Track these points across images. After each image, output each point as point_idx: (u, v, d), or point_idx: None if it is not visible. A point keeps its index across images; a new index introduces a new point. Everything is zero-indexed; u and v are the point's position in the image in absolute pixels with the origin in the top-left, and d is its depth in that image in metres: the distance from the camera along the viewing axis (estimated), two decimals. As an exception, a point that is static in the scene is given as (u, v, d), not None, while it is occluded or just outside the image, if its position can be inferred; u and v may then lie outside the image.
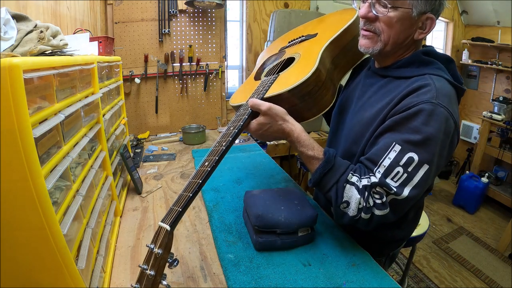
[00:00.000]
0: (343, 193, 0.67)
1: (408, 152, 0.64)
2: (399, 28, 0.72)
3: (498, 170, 3.04)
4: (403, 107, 0.67)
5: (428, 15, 0.71)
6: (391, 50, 0.76)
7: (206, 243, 0.77)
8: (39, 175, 0.39)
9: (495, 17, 3.13)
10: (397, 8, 0.70)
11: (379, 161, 0.67)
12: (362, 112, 0.80)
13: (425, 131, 0.64)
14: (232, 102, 0.88)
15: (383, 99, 0.75)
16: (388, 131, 0.69)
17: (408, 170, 0.64)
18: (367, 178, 0.67)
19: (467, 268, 2.15)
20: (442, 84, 0.69)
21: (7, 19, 0.53)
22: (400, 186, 0.64)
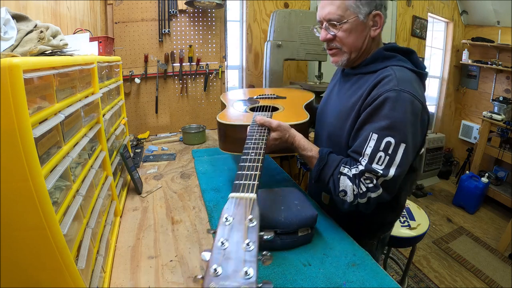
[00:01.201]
0: (339, 184, 0.76)
1: (384, 137, 0.73)
2: (354, 35, 0.83)
3: (498, 170, 3.05)
4: (371, 99, 0.77)
5: (374, 13, 0.81)
6: (357, 55, 0.86)
7: (206, 243, 0.77)
8: (39, 175, 0.39)
9: (495, 17, 3.13)
10: (346, 21, 0.80)
11: (362, 151, 0.76)
12: (339, 107, 0.90)
13: (394, 116, 0.73)
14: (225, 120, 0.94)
15: (356, 93, 0.85)
16: (364, 124, 0.78)
17: (388, 153, 0.73)
18: (355, 168, 0.76)
19: (467, 268, 2.15)
20: (403, 73, 0.79)
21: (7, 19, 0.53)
22: (386, 168, 0.73)
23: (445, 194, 3.32)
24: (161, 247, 0.75)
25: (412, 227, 1.38)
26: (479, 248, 2.40)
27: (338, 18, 0.80)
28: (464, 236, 2.55)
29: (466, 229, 2.65)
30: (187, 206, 0.95)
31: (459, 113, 3.78)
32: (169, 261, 0.70)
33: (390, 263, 2.11)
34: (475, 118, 3.55)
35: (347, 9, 0.80)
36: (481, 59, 3.31)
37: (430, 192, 3.35)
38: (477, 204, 2.92)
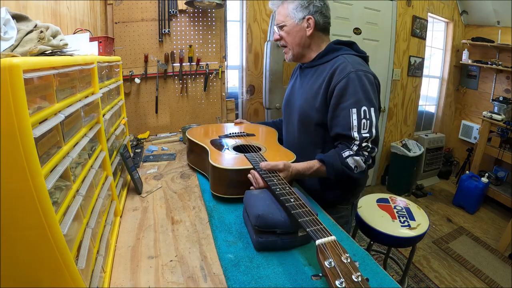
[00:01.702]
0: (350, 165, 0.96)
1: (360, 108, 0.95)
2: (293, 35, 1.09)
3: (498, 170, 3.05)
4: (335, 83, 0.98)
5: (307, 17, 1.05)
6: (300, 50, 1.11)
7: (206, 243, 0.77)
8: (39, 175, 0.39)
9: (495, 17, 3.13)
10: (286, 25, 1.08)
11: (350, 127, 0.96)
12: (306, 93, 1.11)
13: (360, 90, 0.96)
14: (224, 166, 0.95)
15: (318, 79, 1.07)
16: (338, 105, 0.98)
17: (367, 117, 0.95)
18: (353, 145, 0.96)
19: (467, 268, 2.15)
20: (352, 58, 1.04)
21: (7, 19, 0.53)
22: (370, 131, 0.96)
23: (445, 194, 3.32)
24: (161, 247, 0.75)
25: (412, 227, 1.38)
26: (479, 248, 2.40)
27: (281, 23, 1.09)
28: (464, 236, 2.55)
29: (466, 229, 2.66)
30: (187, 206, 0.95)
31: (459, 113, 3.78)
32: (169, 261, 0.70)
33: (390, 263, 2.11)
34: (475, 118, 3.55)
35: (287, 16, 1.07)
36: (481, 59, 3.31)
37: (430, 192, 3.35)
38: (477, 204, 2.92)
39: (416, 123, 3.55)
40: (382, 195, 1.64)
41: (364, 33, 2.80)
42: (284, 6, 1.08)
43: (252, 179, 0.91)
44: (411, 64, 3.20)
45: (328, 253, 0.53)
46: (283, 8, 1.08)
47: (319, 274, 0.52)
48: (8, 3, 0.81)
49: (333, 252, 0.53)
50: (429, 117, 3.83)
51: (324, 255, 0.53)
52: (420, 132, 3.70)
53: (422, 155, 3.33)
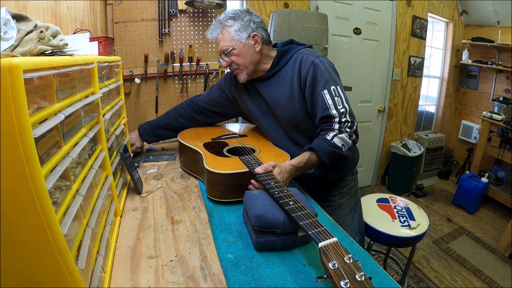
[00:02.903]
0: (337, 145, 1.00)
1: (330, 88, 1.04)
2: (244, 55, 1.10)
3: (498, 170, 3.05)
4: (305, 74, 1.07)
5: (252, 34, 1.09)
6: (253, 67, 1.13)
7: (206, 243, 0.77)
8: (39, 175, 0.39)
9: (495, 17, 3.13)
10: (234, 48, 1.09)
11: (327, 107, 1.03)
12: (279, 101, 1.16)
13: (326, 72, 1.06)
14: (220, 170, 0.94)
15: (285, 83, 1.13)
16: (314, 91, 1.06)
17: (337, 95, 1.04)
18: (334, 123, 1.04)
19: (467, 268, 2.15)
20: (306, 49, 1.14)
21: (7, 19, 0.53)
22: (343, 106, 1.04)
23: (445, 194, 3.32)
24: (161, 247, 0.75)
25: (412, 227, 1.38)
26: (479, 248, 2.40)
27: (228, 48, 1.09)
28: (464, 236, 2.56)
29: (466, 229, 2.66)
30: (187, 206, 0.95)
31: (459, 113, 3.78)
32: (169, 261, 0.70)
33: (390, 263, 2.11)
34: (475, 118, 3.55)
35: (232, 39, 1.08)
36: (481, 59, 3.31)
37: (430, 192, 3.35)
38: (477, 204, 2.93)
39: (416, 123, 3.55)
40: (382, 195, 1.64)
41: (364, 33, 2.80)
42: (225, 32, 1.09)
43: (253, 188, 0.91)
44: (411, 64, 3.20)
45: (331, 255, 0.53)
46: (225, 34, 1.09)
47: (324, 276, 0.52)
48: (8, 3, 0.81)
49: (335, 254, 0.53)
50: (429, 117, 3.83)
51: (327, 257, 0.53)
52: (420, 132, 3.70)
53: (422, 155, 3.34)
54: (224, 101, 1.36)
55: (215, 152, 1.08)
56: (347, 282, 0.47)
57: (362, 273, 0.48)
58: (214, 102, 1.37)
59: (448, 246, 2.41)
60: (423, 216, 1.47)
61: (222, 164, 0.98)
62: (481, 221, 2.80)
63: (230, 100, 1.35)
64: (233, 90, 1.32)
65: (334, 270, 0.50)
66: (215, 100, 1.36)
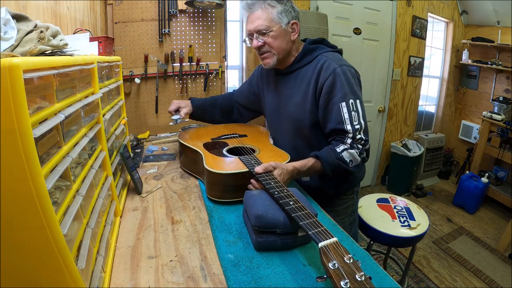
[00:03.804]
0: (345, 159, 0.98)
1: (348, 101, 0.99)
2: (280, 40, 1.06)
3: (498, 170, 3.05)
4: (323, 81, 1.01)
5: (292, 22, 1.06)
6: (284, 55, 1.09)
7: (206, 243, 0.77)
8: (39, 175, 0.39)
9: (495, 17, 3.13)
10: (272, 30, 1.04)
11: (342, 120, 0.99)
12: (293, 99, 1.12)
13: (346, 84, 0.99)
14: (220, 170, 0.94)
15: (302, 83, 1.09)
16: (329, 101, 1.01)
17: (355, 109, 0.99)
18: (347, 138, 1.00)
19: (467, 268, 2.15)
20: (332, 55, 1.07)
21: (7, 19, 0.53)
22: (359, 122, 0.99)
23: (445, 194, 3.32)
24: (161, 247, 0.75)
25: (412, 227, 1.38)
26: (479, 248, 2.40)
27: (266, 28, 1.04)
28: (464, 236, 2.56)
29: (466, 229, 2.66)
30: (187, 206, 0.95)
31: (459, 113, 3.78)
32: (169, 261, 0.70)
33: (390, 263, 2.11)
34: (475, 118, 3.55)
35: (272, 20, 1.03)
36: (481, 59, 3.31)
37: (430, 192, 3.35)
38: (477, 204, 2.93)
39: (416, 123, 3.55)
40: (382, 195, 1.64)
41: (364, 33, 2.80)
42: (267, 10, 1.03)
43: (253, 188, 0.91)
44: (411, 64, 3.20)
45: (331, 255, 0.53)
46: (266, 12, 1.03)
47: (324, 276, 0.52)
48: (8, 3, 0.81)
49: (336, 254, 0.53)
50: (429, 117, 3.83)
51: (327, 257, 0.53)
52: (420, 132, 3.70)
53: (422, 155, 3.34)
54: (251, 96, 1.37)
55: (215, 152, 1.08)
56: (347, 282, 0.47)
57: (362, 273, 0.48)
58: (245, 97, 1.40)
59: (448, 246, 2.41)
60: (423, 216, 1.47)
61: (222, 164, 0.98)
62: (481, 221, 2.80)
63: (255, 95, 1.36)
64: (259, 83, 1.32)
65: (334, 270, 0.50)
66: (245, 94, 1.39)
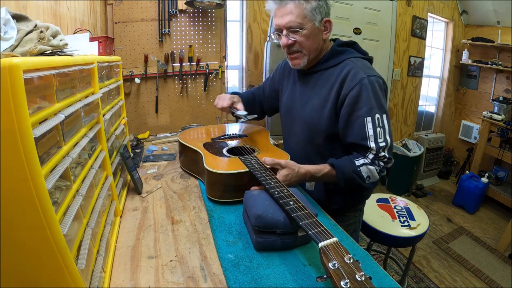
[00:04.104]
0: (362, 174, 0.91)
1: (374, 116, 0.90)
2: (312, 39, 0.96)
3: (498, 170, 3.05)
4: (347, 90, 0.92)
5: (325, 19, 0.96)
6: (314, 55, 1.00)
7: (206, 243, 0.77)
8: (39, 175, 0.39)
9: (495, 17, 3.13)
10: (305, 28, 0.93)
11: (366, 136, 0.91)
12: (311, 102, 1.04)
13: (372, 96, 0.90)
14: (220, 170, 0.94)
15: (324, 86, 1.00)
16: (352, 113, 0.92)
17: (381, 125, 0.91)
18: (369, 153, 0.92)
19: (467, 268, 2.15)
20: (360, 62, 0.97)
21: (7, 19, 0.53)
22: (385, 139, 0.91)
23: (445, 194, 3.32)
24: (161, 247, 0.75)
25: (412, 227, 1.38)
26: (479, 248, 2.40)
27: (298, 26, 0.93)
28: (464, 236, 2.56)
29: (466, 229, 2.66)
30: (187, 206, 0.95)
31: (459, 113, 3.78)
32: (169, 261, 0.70)
33: (390, 263, 2.11)
34: (475, 118, 3.55)
35: (305, 17, 0.92)
36: (481, 59, 3.31)
37: (430, 192, 3.35)
38: (477, 204, 2.93)
39: (416, 123, 3.55)
40: (382, 195, 1.64)
41: (364, 33, 2.80)
42: (300, 6, 0.91)
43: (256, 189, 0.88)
44: (411, 64, 3.20)
45: (331, 255, 0.53)
46: (299, 8, 0.92)
47: (324, 276, 0.52)
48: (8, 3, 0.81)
49: (336, 254, 0.53)
50: (429, 117, 3.83)
51: (327, 257, 0.53)
52: (420, 132, 3.70)
53: (422, 155, 3.34)
54: (272, 94, 1.29)
55: (215, 152, 1.08)
56: (347, 282, 0.47)
57: (362, 273, 0.48)
58: (267, 94, 1.32)
59: (448, 246, 2.41)
60: (423, 216, 1.47)
61: (222, 164, 0.98)
62: (481, 221, 2.80)
63: (276, 92, 1.27)
64: (280, 79, 1.24)
65: (334, 270, 0.50)
66: (267, 91, 1.32)
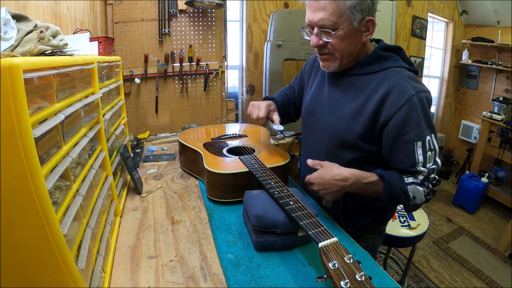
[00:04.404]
0: (409, 193, 0.80)
1: (425, 139, 0.80)
2: (347, 41, 0.82)
3: (498, 170, 3.04)
4: (394, 110, 0.79)
5: (367, 19, 0.81)
6: (348, 60, 0.87)
7: (206, 243, 0.77)
8: (39, 175, 0.39)
9: (495, 17, 3.13)
10: (340, 29, 0.79)
11: (415, 163, 0.80)
12: (340, 109, 0.90)
13: (423, 117, 0.80)
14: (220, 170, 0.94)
15: (359, 94, 0.87)
16: (399, 138, 0.81)
17: (431, 147, 0.81)
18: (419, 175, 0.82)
19: (467, 268, 2.15)
20: (406, 73, 0.84)
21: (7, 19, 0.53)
22: (435, 162, 0.81)
23: (445, 194, 3.32)
24: (161, 247, 0.75)
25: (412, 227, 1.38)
26: (479, 248, 2.40)
27: (331, 25, 0.79)
28: (464, 236, 2.55)
29: (466, 229, 2.66)
30: (187, 206, 0.95)
31: (459, 113, 3.77)
32: (169, 261, 0.70)
33: (390, 263, 2.11)
34: (475, 118, 3.55)
35: (342, 15, 0.77)
36: (481, 59, 3.31)
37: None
38: (477, 204, 2.92)
39: (416, 123, 3.55)
40: (382, 195, 1.64)
41: (364, 33, 2.79)
42: (337, 1, 0.76)
43: None
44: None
45: (331, 255, 0.53)
46: (335, 3, 0.77)
47: (324, 276, 0.52)
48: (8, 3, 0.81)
49: (336, 254, 0.54)
50: (429, 117, 3.82)
51: (327, 257, 0.53)
52: (420, 132, 3.69)
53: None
54: (301, 91, 1.14)
55: (215, 152, 1.08)
56: (347, 282, 0.47)
57: (362, 273, 0.48)
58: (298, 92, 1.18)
59: (448, 246, 2.41)
60: (423, 216, 1.47)
61: (222, 164, 0.98)
62: (481, 221, 2.80)
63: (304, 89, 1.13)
64: (308, 73, 1.10)
65: (334, 270, 0.50)
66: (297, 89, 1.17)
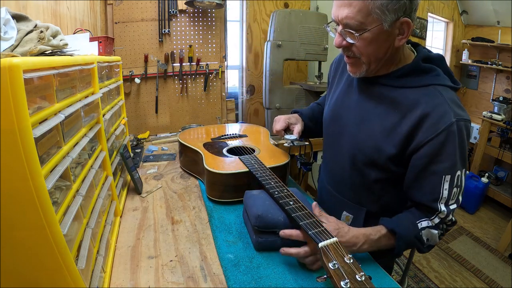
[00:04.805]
0: (423, 238, 0.74)
1: (455, 173, 0.71)
2: (375, 45, 0.71)
3: (498, 170, 3.04)
4: (430, 135, 0.70)
5: (402, 20, 0.68)
6: (377, 66, 0.77)
7: (206, 243, 0.77)
8: (39, 175, 0.39)
9: (495, 17, 3.13)
10: (368, 30, 0.68)
11: (438, 197, 0.72)
12: (370, 122, 0.81)
13: (458, 148, 0.70)
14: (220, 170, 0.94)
15: (394, 109, 0.77)
16: (429, 166, 0.72)
17: (459, 184, 0.72)
18: (435, 217, 0.74)
19: (467, 268, 2.15)
20: (450, 94, 0.73)
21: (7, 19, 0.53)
22: (457, 200, 0.73)
23: (445, 194, 3.32)
24: (161, 247, 0.75)
25: (412, 227, 1.38)
26: (479, 248, 2.40)
27: (357, 26, 0.68)
28: (464, 236, 2.55)
29: (466, 229, 2.65)
30: (187, 206, 0.95)
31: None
32: (169, 261, 0.70)
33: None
34: (475, 118, 3.54)
35: (370, 15, 0.66)
36: (481, 59, 3.31)
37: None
38: (477, 204, 2.92)
39: (416, 123, 3.55)
40: (382, 195, 1.64)
41: (364, 33, 2.79)
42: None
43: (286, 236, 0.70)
44: (411, 64, 3.20)
45: (331, 255, 0.53)
46: (364, 2, 0.66)
47: (324, 276, 0.52)
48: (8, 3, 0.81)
49: (336, 254, 0.54)
50: (429, 117, 3.82)
51: (327, 257, 0.53)
52: (420, 132, 3.69)
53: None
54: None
55: (215, 152, 1.08)
56: (347, 282, 0.47)
57: (362, 273, 0.48)
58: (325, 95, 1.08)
59: (448, 246, 2.41)
60: (423, 216, 1.46)
61: (222, 164, 0.98)
62: (481, 221, 2.80)
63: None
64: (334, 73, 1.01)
65: (334, 270, 0.50)
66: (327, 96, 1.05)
